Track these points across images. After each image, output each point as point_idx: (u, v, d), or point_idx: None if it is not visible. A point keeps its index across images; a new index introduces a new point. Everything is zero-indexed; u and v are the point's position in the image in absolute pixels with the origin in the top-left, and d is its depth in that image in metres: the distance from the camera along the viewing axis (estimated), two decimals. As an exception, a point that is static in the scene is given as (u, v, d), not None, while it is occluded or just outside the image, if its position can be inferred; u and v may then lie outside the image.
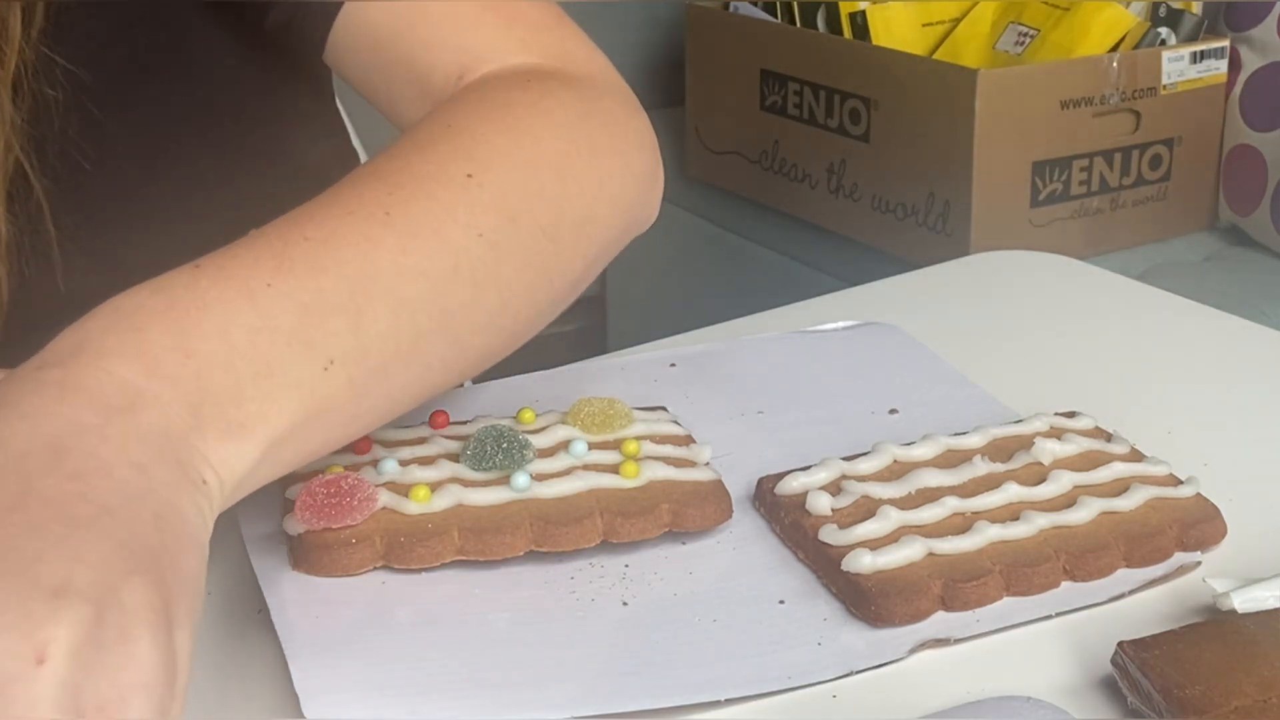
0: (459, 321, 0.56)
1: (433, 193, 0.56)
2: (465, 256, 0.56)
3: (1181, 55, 1.73)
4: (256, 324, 0.49)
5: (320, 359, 0.51)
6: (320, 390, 0.50)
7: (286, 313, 0.50)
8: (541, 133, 0.61)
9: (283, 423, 0.49)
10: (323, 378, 0.51)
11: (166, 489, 0.44)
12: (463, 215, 0.56)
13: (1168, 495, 0.61)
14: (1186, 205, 1.81)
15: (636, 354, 0.79)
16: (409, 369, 0.54)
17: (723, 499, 0.61)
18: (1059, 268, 0.94)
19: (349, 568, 0.57)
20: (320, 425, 0.51)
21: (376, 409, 0.55)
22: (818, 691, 0.52)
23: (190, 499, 0.45)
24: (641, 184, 0.66)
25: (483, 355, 0.59)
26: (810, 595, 0.57)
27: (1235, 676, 0.49)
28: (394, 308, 0.53)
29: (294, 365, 0.50)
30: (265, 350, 0.49)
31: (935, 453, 0.64)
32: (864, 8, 1.82)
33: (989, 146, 1.63)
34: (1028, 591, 0.57)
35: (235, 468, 0.48)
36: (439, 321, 0.55)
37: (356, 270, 0.53)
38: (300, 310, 0.51)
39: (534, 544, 0.58)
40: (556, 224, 0.60)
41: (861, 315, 0.83)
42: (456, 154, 0.58)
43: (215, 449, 0.47)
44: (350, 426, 0.54)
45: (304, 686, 0.51)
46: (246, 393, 0.48)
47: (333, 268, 0.52)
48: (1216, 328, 0.84)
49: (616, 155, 0.64)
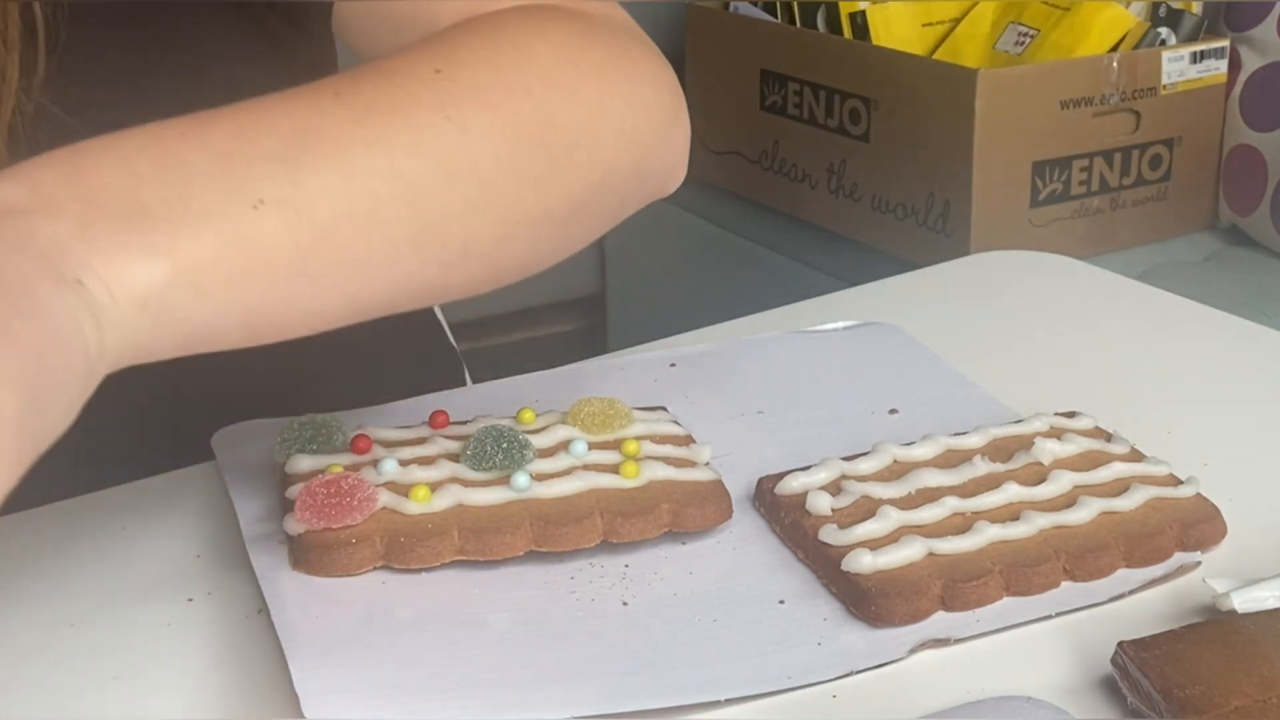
0: (429, 201, 0.51)
1: (396, 80, 0.52)
2: (430, 133, 0.51)
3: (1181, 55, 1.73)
4: (164, 160, 0.46)
5: (246, 198, 0.46)
6: (249, 227, 0.46)
7: (202, 157, 0.47)
8: (531, 44, 0.56)
9: (199, 250, 0.45)
10: (251, 215, 0.46)
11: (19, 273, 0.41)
12: (428, 99, 0.52)
13: (1168, 495, 0.61)
14: (1186, 205, 1.81)
15: (636, 354, 0.79)
16: (369, 237, 0.49)
17: (723, 499, 0.61)
18: (1059, 268, 0.94)
19: (349, 568, 0.57)
20: (261, 268, 0.47)
21: (337, 273, 0.49)
22: (818, 691, 0.52)
23: (51, 289, 0.42)
24: (656, 119, 0.60)
25: (468, 249, 0.53)
26: (810, 595, 0.57)
27: (1235, 676, 0.49)
28: (340, 166, 0.49)
29: (213, 199, 0.46)
30: (174, 182, 0.45)
31: (935, 453, 0.64)
32: (864, 8, 1.82)
33: (989, 146, 1.63)
34: (1028, 591, 0.57)
35: (131, 281, 0.44)
36: (402, 195, 0.50)
37: (291, 129, 0.49)
38: (221, 155, 0.47)
39: (534, 544, 0.58)
40: (545, 127, 0.55)
41: (861, 315, 0.83)
42: (426, 55, 0.54)
43: (106, 259, 0.43)
44: (304, 283, 0.48)
45: (304, 686, 0.51)
46: (150, 213, 0.44)
47: (259, 124, 0.48)
48: (1216, 328, 0.84)
49: (625, 82, 0.59)
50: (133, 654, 0.55)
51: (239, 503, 0.62)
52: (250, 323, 0.48)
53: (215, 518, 0.63)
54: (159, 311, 0.44)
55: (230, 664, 0.54)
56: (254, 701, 0.52)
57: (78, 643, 0.56)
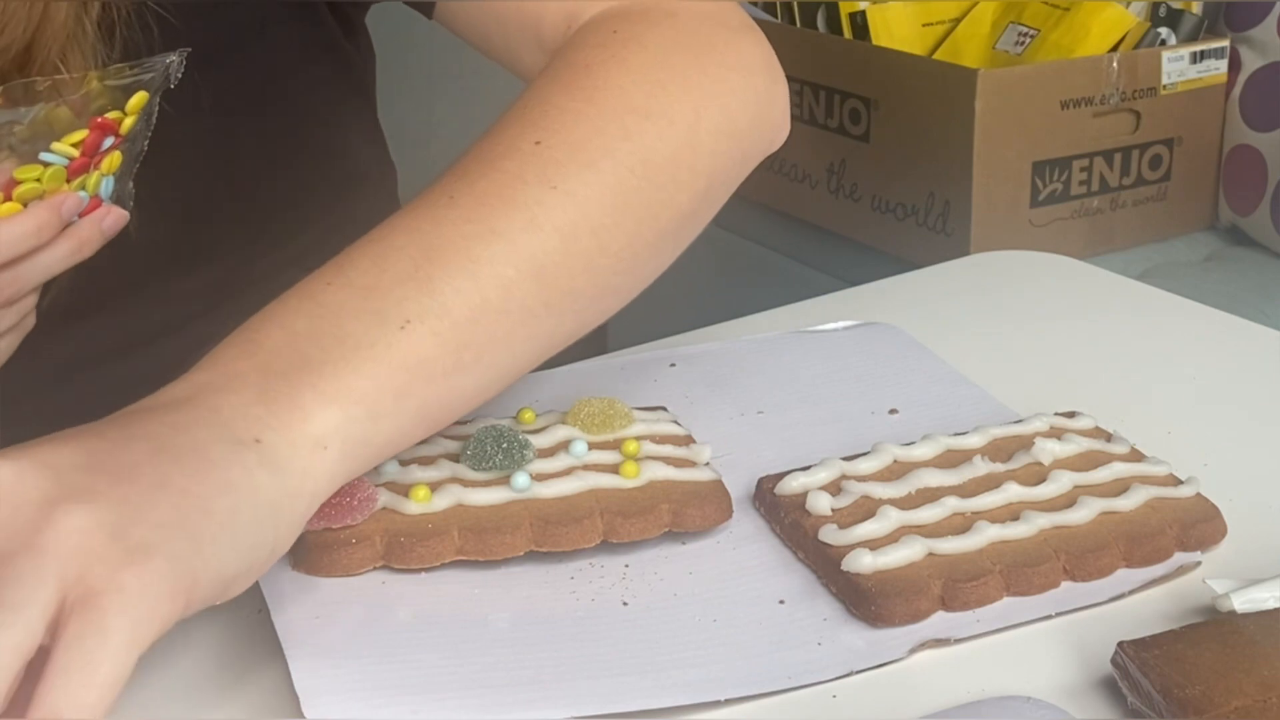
0: (553, 268, 0.56)
1: (500, 167, 0.57)
2: (540, 208, 0.56)
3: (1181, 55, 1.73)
4: (317, 312, 0.52)
5: (393, 322, 0.52)
6: (401, 346, 0.52)
7: (348, 297, 0.53)
8: (619, 82, 0.61)
9: (363, 382, 0.51)
10: (400, 336, 0.52)
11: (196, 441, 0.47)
12: (532, 175, 0.57)
13: (1168, 495, 0.61)
14: (1186, 205, 1.81)
15: (636, 354, 0.79)
16: (506, 316, 0.55)
17: (723, 499, 0.61)
18: (1059, 268, 0.94)
19: (349, 568, 0.57)
20: (421, 378, 0.52)
21: (487, 355, 0.55)
22: (818, 691, 0.52)
23: (226, 451, 0.47)
24: (750, 105, 0.65)
25: (599, 292, 0.59)
26: (810, 595, 0.57)
27: (1235, 676, 0.49)
28: (467, 266, 0.54)
29: (363, 331, 0.52)
30: (329, 328, 0.51)
31: (935, 453, 0.64)
32: (864, 8, 1.82)
33: (989, 146, 1.63)
34: (1028, 591, 0.57)
35: (307, 429, 0.49)
36: (527, 272, 0.56)
37: (418, 248, 0.54)
38: (363, 291, 0.53)
39: (534, 544, 0.58)
40: (646, 162, 0.60)
41: (861, 315, 0.83)
42: (525, 128, 0.59)
43: (281, 417, 0.49)
44: (460, 374, 0.54)
45: (304, 686, 0.51)
46: (313, 363, 0.50)
47: (391, 253, 0.54)
48: (1216, 328, 0.84)
49: (714, 83, 0.63)
50: (133, 654, 0.55)
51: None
52: (425, 419, 0.54)
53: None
54: (342, 444, 0.50)
55: (230, 664, 0.54)
56: (254, 701, 0.52)
57: (78, 643, 0.55)
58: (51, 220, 0.58)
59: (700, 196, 0.63)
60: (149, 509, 0.44)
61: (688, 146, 0.61)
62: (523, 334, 0.56)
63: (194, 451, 0.47)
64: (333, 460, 0.50)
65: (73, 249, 0.60)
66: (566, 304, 0.58)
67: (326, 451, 0.50)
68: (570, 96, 0.60)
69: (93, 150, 0.60)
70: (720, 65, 0.64)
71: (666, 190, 0.61)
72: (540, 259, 0.56)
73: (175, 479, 0.46)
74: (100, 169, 0.61)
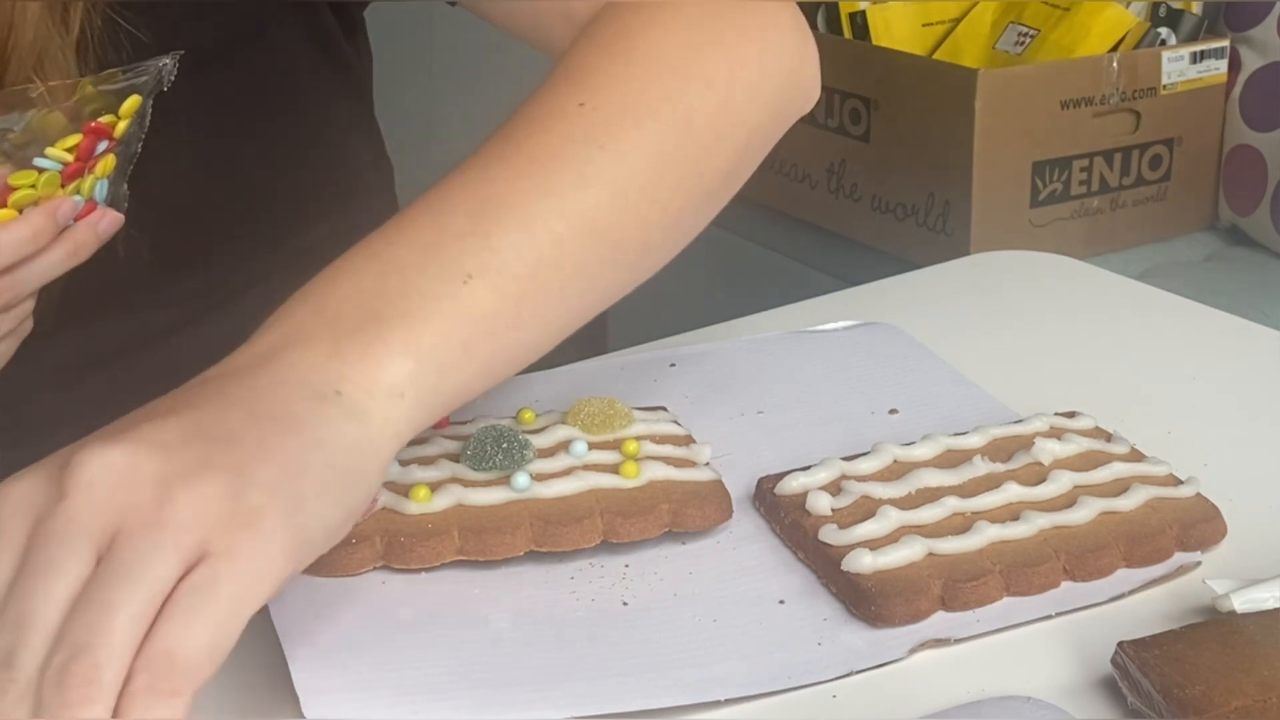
0: (604, 223, 0.58)
1: (547, 128, 0.59)
2: (590, 167, 0.58)
3: (1181, 55, 1.73)
4: (383, 269, 0.53)
5: (456, 276, 0.54)
6: (465, 301, 0.53)
7: (411, 253, 0.54)
8: (659, 42, 0.62)
9: (430, 333, 0.52)
10: (464, 290, 0.53)
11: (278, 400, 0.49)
12: (579, 134, 0.58)
13: (1168, 495, 0.61)
14: (1186, 205, 1.81)
15: (636, 354, 0.79)
16: (562, 271, 0.57)
17: (723, 499, 0.61)
18: (1059, 268, 0.94)
19: (349, 568, 0.57)
20: (485, 331, 0.54)
21: (545, 309, 0.57)
22: (818, 691, 0.52)
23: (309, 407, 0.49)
24: (783, 65, 0.67)
25: (646, 246, 0.61)
26: (810, 595, 0.57)
27: (1235, 676, 0.49)
28: (522, 221, 0.56)
29: (428, 286, 0.53)
30: (396, 284, 0.53)
31: (935, 453, 0.64)
32: (864, 8, 1.82)
33: (989, 146, 1.63)
34: (1028, 591, 0.57)
35: (383, 380, 0.51)
36: (579, 227, 0.57)
37: (475, 204, 0.56)
38: (424, 247, 0.54)
39: (534, 544, 0.58)
40: (689, 122, 0.61)
41: (861, 315, 0.83)
42: (570, 90, 0.60)
43: (357, 369, 0.50)
44: (520, 328, 0.56)
45: (304, 686, 0.51)
46: (382, 316, 0.52)
47: (448, 211, 0.56)
48: (1216, 328, 0.84)
49: (748, 43, 0.65)
50: (133, 654, 0.55)
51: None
52: (488, 372, 0.55)
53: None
54: (416, 394, 0.51)
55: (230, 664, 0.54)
56: (254, 701, 0.52)
57: (78, 643, 0.55)
58: (47, 226, 0.59)
59: (739, 155, 0.64)
60: (256, 472, 0.46)
61: (726, 106, 0.63)
62: (575, 289, 0.58)
63: (284, 411, 0.48)
64: (409, 407, 0.51)
65: (69, 253, 0.60)
66: (617, 259, 0.59)
67: (403, 399, 0.51)
68: (610, 59, 0.62)
69: (87, 155, 0.60)
70: (754, 26, 0.66)
71: (708, 149, 0.62)
72: (591, 215, 0.58)
73: (273, 440, 0.47)
74: (94, 173, 0.61)
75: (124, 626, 0.42)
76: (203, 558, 0.44)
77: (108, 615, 0.42)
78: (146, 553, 0.43)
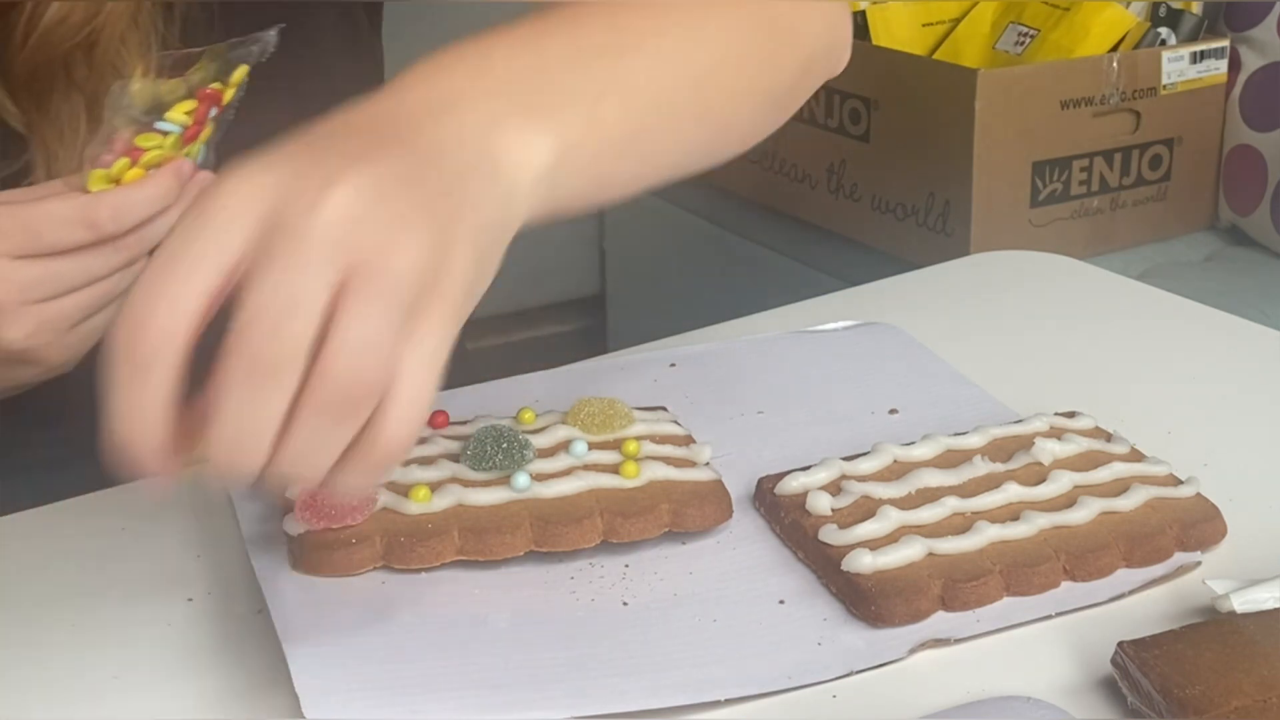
0: (706, 83, 0.62)
1: None
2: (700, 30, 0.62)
3: (1181, 55, 1.73)
4: (538, 64, 0.56)
5: (594, 87, 0.56)
6: (599, 112, 0.56)
7: (563, 52, 0.57)
8: None
9: (572, 134, 0.54)
10: (600, 103, 0.56)
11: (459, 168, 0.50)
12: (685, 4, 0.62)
13: (1168, 495, 0.61)
14: (1186, 205, 1.81)
15: (636, 354, 0.79)
16: (670, 115, 0.60)
17: (723, 499, 0.61)
18: (1059, 268, 0.94)
19: (349, 568, 0.57)
20: (607, 148, 0.56)
21: (648, 146, 0.59)
22: (818, 691, 0.52)
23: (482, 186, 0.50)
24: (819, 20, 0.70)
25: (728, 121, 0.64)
26: (810, 595, 0.57)
27: (1235, 676, 0.49)
28: (648, 57, 0.59)
29: (573, 89, 0.56)
30: (546, 76, 0.55)
31: (935, 453, 0.64)
32: (864, 8, 1.82)
33: (989, 146, 1.63)
34: (1028, 591, 0.57)
35: (534, 162, 0.52)
36: (687, 80, 0.61)
37: (609, 33, 0.59)
38: (576, 51, 0.57)
39: (534, 544, 0.58)
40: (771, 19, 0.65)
41: (861, 315, 0.83)
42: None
43: (517, 147, 0.52)
44: (629, 158, 0.58)
45: (304, 686, 0.51)
46: (538, 108, 0.54)
47: (583, 32, 0.59)
48: (1216, 328, 0.84)
49: None
50: (133, 654, 0.55)
51: (239, 503, 0.62)
52: (596, 192, 0.57)
53: (215, 518, 0.63)
54: (547, 187, 0.53)
55: (230, 664, 0.54)
56: (254, 701, 0.52)
57: (78, 643, 0.56)
58: (174, 185, 0.62)
59: (799, 73, 0.68)
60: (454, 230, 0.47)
61: (794, 20, 0.67)
62: (672, 137, 0.61)
63: (458, 179, 0.49)
64: (541, 199, 0.53)
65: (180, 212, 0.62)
66: (706, 121, 0.62)
67: (538, 186, 0.52)
68: None
69: (202, 120, 0.63)
70: None
71: (782, 48, 0.66)
72: (695, 71, 0.61)
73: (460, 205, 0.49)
74: (200, 138, 0.64)
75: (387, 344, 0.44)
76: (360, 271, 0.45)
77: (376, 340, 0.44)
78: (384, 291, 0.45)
